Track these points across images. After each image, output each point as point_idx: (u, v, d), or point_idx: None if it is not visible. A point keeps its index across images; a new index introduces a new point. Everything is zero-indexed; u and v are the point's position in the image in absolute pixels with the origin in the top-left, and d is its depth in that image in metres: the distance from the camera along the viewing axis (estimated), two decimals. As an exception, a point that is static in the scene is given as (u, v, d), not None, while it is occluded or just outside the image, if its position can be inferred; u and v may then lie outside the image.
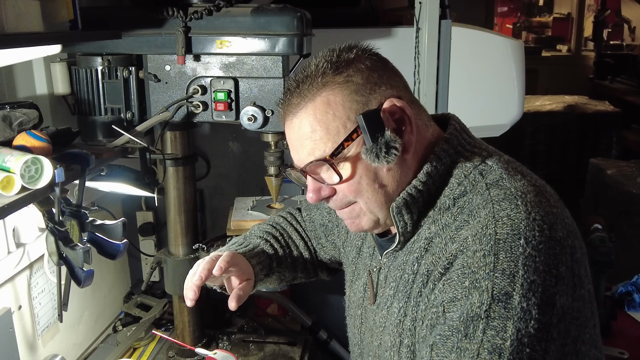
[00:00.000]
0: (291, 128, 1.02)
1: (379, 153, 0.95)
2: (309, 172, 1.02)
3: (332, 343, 2.20)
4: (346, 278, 1.30)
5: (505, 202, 0.91)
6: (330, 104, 0.97)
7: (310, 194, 1.03)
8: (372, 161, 0.96)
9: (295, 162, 1.05)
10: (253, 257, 1.28)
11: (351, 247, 1.28)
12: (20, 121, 1.25)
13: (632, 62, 7.00)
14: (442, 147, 1.02)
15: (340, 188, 1.01)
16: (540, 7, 9.86)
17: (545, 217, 0.89)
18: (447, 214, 0.98)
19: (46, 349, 1.71)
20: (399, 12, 2.68)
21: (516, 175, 0.97)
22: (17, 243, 1.54)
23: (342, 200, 1.03)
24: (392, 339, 1.03)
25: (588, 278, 0.93)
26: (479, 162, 1.01)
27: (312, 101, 0.98)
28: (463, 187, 0.99)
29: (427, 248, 0.99)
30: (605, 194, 4.13)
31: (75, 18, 1.28)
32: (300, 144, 1.01)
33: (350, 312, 1.26)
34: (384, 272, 1.11)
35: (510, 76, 2.29)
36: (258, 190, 2.20)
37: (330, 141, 0.97)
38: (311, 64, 1.00)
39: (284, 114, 1.03)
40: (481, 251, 0.87)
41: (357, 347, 1.23)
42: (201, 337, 1.90)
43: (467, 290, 0.86)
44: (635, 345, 2.01)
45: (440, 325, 0.89)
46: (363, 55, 1.00)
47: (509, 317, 0.82)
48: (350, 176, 0.99)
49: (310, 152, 0.99)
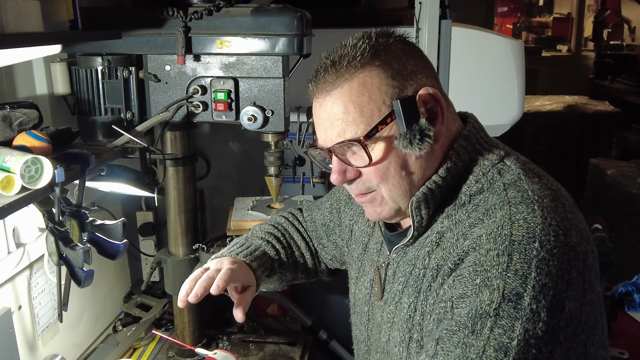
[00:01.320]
0: (322, 107, 1.01)
1: (413, 140, 0.96)
2: (336, 153, 1.01)
3: (332, 343, 2.20)
4: (351, 276, 1.30)
5: (522, 206, 0.92)
6: (367, 86, 0.97)
7: (334, 175, 1.02)
8: (404, 147, 0.97)
9: (321, 141, 1.04)
10: (255, 260, 1.27)
11: (356, 244, 1.28)
12: (20, 121, 1.25)
13: (632, 62, 6.99)
14: (461, 143, 1.03)
15: (367, 171, 1.01)
16: (540, 7, 9.85)
17: (561, 223, 0.90)
18: (462, 210, 0.99)
19: (46, 349, 1.71)
20: (399, 12, 2.68)
21: (534, 178, 0.98)
22: (17, 243, 1.54)
23: (365, 184, 1.03)
24: (401, 334, 1.03)
25: (598, 281, 0.93)
26: (497, 161, 1.02)
27: (348, 81, 0.97)
28: (480, 185, 0.99)
29: (439, 242, 0.99)
30: (605, 194, 4.13)
31: (75, 18, 1.28)
32: (330, 123, 1.00)
33: (357, 309, 1.25)
34: (392, 268, 1.11)
35: (510, 76, 2.29)
36: (258, 190, 2.20)
37: (363, 123, 0.97)
38: (347, 44, 1.00)
39: (316, 92, 1.02)
40: (495, 250, 0.88)
41: (364, 345, 1.23)
42: (201, 337, 1.90)
43: (478, 288, 0.86)
44: (635, 345, 2.01)
45: (448, 320, 0.89)
46: (400, 41, 1.02)
47: (517, 317, 0.82)
48: (380, 160, 0.99)
49: (340, 132, 0.99)
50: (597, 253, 0.95)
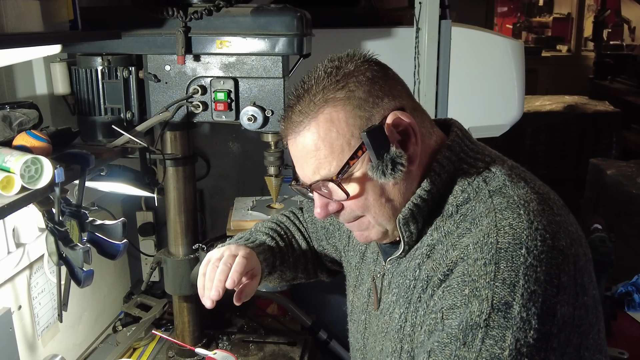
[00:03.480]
0: (295, 146, 1.01)
1: (385, 170, 0.94)
2: (315, 189, 1.01)
3: (332, 343, 2.20)
4: (349, 283, 1.30)
5: (507, 211, 0.91)
6: (334, 122, 0.95)
7: (317, 210, 1.03)
8: (378, 178, 0.95)
9: (301, 177, 1.04)
10: (260, 254, 1.27)
11: (354, 252, 1.27)
12: (20, 121, 1.25)
13: (632, 62, 6.99)
14: (444, 154, 1.01)
15: (348, 204, 1.01)
16: (540, 7, 9.85)
17: (548, 227, 0.89)
18: (450, 221, 0.98)
19: (46, 349, 1.71)
20: (399, 12, 2.69)
21: (519, 183, 0.97)
22: (17, 243, 1.54)
23: (350, 214, 1.03)
24: (393, 344, 1.03)
25: (593, 284, 0.92)
26: (482, 169, 1.00)
27: (314, 119, 0.96)
28: (467, 194, 0.98)
29: (429, 255, 0.99)
30: (605, 194, 4.13)
31: (75, 18, 1.28)
32: (305, 161, 0.99)
33: (354, 317, 1.25)
34: (388, 278, 1.10)
35: (510, 76, 2.29)
36: (258, 190, 2.20)
37: (335, 160, 0.96)
38: (311, 76, 0.98)
39: (286, 132, 1.01)
40: (482, 260, 0.87)
41: (360, 353, 1.22)
42: (201, 337, 1.90)
43: (467, 299, 0.86)
44: (635, 345, 2.01)
45: (439, 332, 0.88)
46: (363, 65, 0.98)
47: (508, 327, 0.82)
48: (357, 194, 0.98)
49: (315, 170, 0.98)
50: (590, 255, 0.94)
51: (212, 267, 1.16)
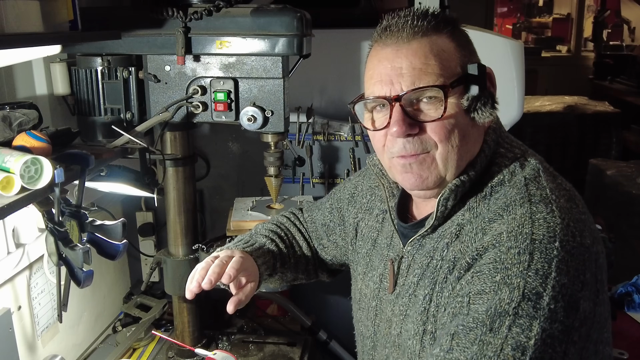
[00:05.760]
0: (397, 55, 0.99)
1: (484, 105, 0.99)
2: (404, 103, 0.99)
3: (332, 343, 2.19)
4: (357, 272, 1.29)
5: (541, 205, 0.93)
6: (445, 45, 1.00)
7: (395, 128, 0.99)
8: (472, 110, 0.99)
9: (383, 93, 1.01)
10: (259, 257, 1.28)
11: (364, 241, 1.28)
12: (20, 121, 1.25)
13: (632, 62, 6.99)
14: (491, 136, 1.05)
15: (432, 127, 0.99)
16: (540, 7, 9.85)
17: (576, 224, 0.91)
18: (484, 202, 1.00)
19: (46, 350, 1.71)
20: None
21: (550, 176, 1.00)
22: (16, 243, 1.54)
23: (422, 143, 1.00)
24: (415, 327, 1.03)
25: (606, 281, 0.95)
26: (520, 155, 1.04)
27: (427, 36, 0.99)
28: (502, 176, 1.01)
29: (458, 235, 1.00)
30: (605, 195, 4.13)
31: (75, 18, 1.28)
32: (405, 72, 0.98)
33: (362, 304, 1.25)
34: (407, 261, 1.10)
35: (510, 76, 2.28)
36: (258, 190, 2.20)
37: (442, 77, 0.98)
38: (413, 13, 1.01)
39: (388, 40, 1.01)
40: (516, 248, 0.88)
41: (370, 340, 1.22)
42: (201, 337, 1.90)
43: (497, 285, 0.87)
44: (635, 346, 2.01)
45: (463, 315, 0.89)
46: None
47: (536, 317, 0.83)
48: (451, 115, 0.99)
49: (416, 81, 0.98)
50: (605, 253, 0.96)
51: (206, 264, 1.16)
